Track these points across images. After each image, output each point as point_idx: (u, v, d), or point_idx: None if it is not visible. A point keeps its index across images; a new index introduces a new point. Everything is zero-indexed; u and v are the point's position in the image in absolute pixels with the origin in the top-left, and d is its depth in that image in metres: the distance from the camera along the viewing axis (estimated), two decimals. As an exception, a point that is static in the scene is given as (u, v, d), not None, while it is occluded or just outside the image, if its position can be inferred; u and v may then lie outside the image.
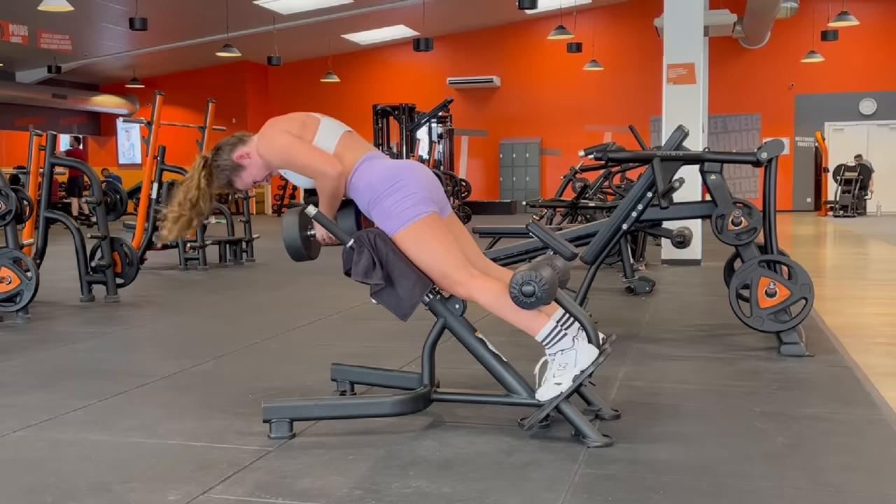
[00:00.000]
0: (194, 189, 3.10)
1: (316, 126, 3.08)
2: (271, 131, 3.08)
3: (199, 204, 3.11)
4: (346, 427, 3.02)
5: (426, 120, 16.89)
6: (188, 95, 20.39)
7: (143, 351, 4.64)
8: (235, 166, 3.12)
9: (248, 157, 3.11)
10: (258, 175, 3.14)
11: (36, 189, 6.67)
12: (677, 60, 8.58)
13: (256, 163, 3.11)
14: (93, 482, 2.52)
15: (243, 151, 3.11)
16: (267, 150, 3.07)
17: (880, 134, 19.74)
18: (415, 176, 2.99)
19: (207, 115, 9.64)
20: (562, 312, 2.95)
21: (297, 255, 3.08)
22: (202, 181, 3.11)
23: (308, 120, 3.10)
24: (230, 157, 3.11)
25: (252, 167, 3.12)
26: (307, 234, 3.08)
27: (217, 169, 3.13)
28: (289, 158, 3.04)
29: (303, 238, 3.06)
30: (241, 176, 3.13)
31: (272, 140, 3.06)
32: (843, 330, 4.87)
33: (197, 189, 3.10)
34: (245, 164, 3.11)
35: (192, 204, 3.11)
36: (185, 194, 3.11)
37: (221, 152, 3.14)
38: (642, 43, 19.30)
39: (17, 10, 14.83)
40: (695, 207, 4.88)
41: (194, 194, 3.10)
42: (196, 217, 3.14)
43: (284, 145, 3.03)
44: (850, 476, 2.51)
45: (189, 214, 3.12)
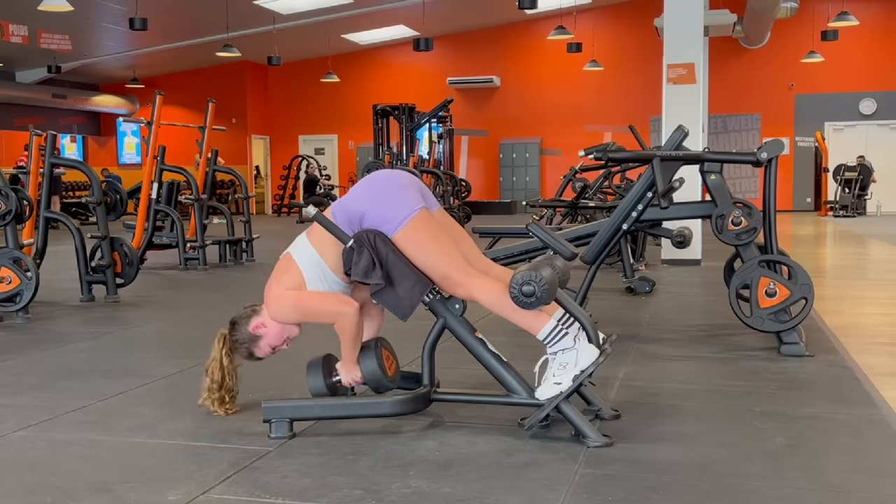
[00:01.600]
0: (218, 371, 3.14)
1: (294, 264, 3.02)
2: (272, 297, 3.05)
3: (227, 381, 3.15)
4: (346, 427, 3.02)
5: (426, 120, 16.88)
6: (188, 95, 20.39)
7: (143, 351, 4.64)
8: (253, 338, 3.12)
9: (264, 327, 3.10)
10: (275, 342, 3.13)
11: (36, 189, 6.67)
12: (677, 60, 8.58)
13: (272, 331, 3.10)
14: (93, 482, 2.52)
15: (258, 322, 3.11)
16: (280, 315, 3.05)
17: (880, 134, 19.73)
18: (387, 181, 3.01)
19: (207, 115, 9.64)
20: (563, 312, 2.95)
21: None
22: (224, 359, 3.13)
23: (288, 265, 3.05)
24: (246, 329, 3.12)
25: (269, 335, 3.11)
26: (332, 381, 3.11)
27: (235, 343, 3.14)
28: (303, 312, 3.02)
29: (328, 385, 3.10)
30: (259, 346, 3.13)
31: (279, 302, 3.03)
32: (843, 330, 4.87)
33: (221, 369, 3.14)
34: (262, 333, 3.11)
35: (220, 384, 3.14)
36: (211, 378, 3.15)
37: (238, 327, 3.14)
38: (642, 43, 19.30)
39: (17, 10, 14.82)
40: (695, 207, 4.88)
41: (219, 375, 3.14)
42: (228, 393, 3.17)
43: (293, 302, 3.01)
44: (850, 476, 2.51)
45: (221, 394, 3.16)
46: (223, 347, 3.14)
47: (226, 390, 3.15)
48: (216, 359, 3.14)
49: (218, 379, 3.13)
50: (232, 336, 3.14)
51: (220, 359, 3.13)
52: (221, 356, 3.13)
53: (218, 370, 3.13)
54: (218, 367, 3.13)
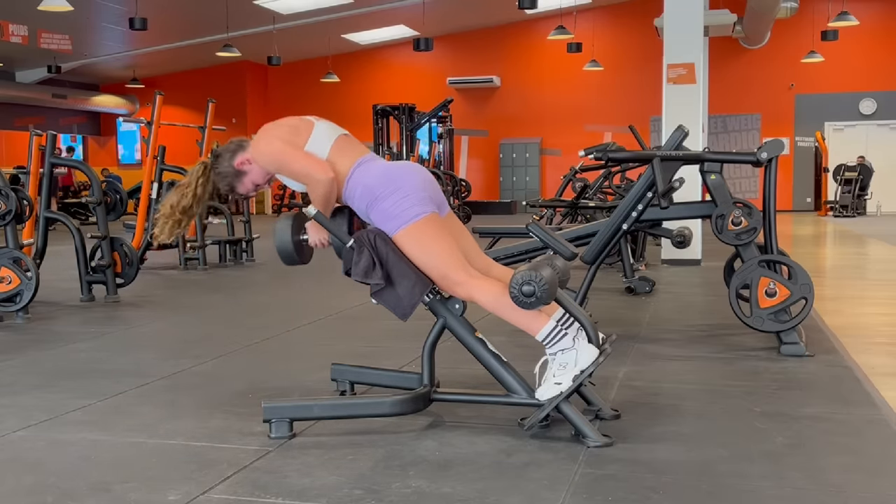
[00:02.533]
0: (189, 196, 3.14)
1: (310, 130, 3.08)
2: (264, 137, 3.09)
3: (192, 209, 3.16)
4: (346, 427, 3.02)
5: (426, 120, 16.89)
6: (188, 95, 20.40)
7: (143, 351, 4.64)
8: (237, 173, 3.14)
9: (249, 164, 3.12)
10: (259, 180, 3.16)
11: (36, 189, 6.67)
12: (677, 60, 8.58)
13: (257, 168, 3.13)
14: (93, 482, 2.52)
15: (243, 158, 3.13)
16: (260, 157, 3.09)
17: (880, 134, 19.74)
18: (412, 176, 2.99)
19: (207, 115, 9.64)
20: (562, 312, 2.95)
21: (288, 259, 3.10)
22: (198, 189, 3.14)
23: (302, 124, 3.10)
24: (231, 163, 3.13)
25: (252, 173, 3.14)
26: (300, 238, 3.09)
27: (218, 176, 3.15)
28: (281, 164, 3.05)
29: (295, 242, 3.08)
30: (242, 181, 3.15)
31: (265, 147, 3.07)
32: (843, 330, 4.87)
33: (193, 196, 3.14)
34: (246, 169, 3.13)
35: (185, 209, 3.15)
36: (179, 199, 3.15)
37: (222, 159, 3.15)
38: (642, 43, 19.30)
39: (17, 10, 14.83)
40: (695, 207, 4.88)
41: (188, 201, 3.14)
42: (186, 219, 3.17)
43: (276, 151, 3.04)
44: (850, 476, 2.51)
45: (179, 217, 3.15)
46: (201, 175, 3.14)
47: (187, 216, 3.15)
48: (191, 183, 3.14)
49: (186, 204, 3.13)
50: (215, 168, 3.15)
51: (195, 184, 3.13)
52: (196, 184, 3.13)
53: (190, 195, 3.13)
54: (191, 192, 3.13)
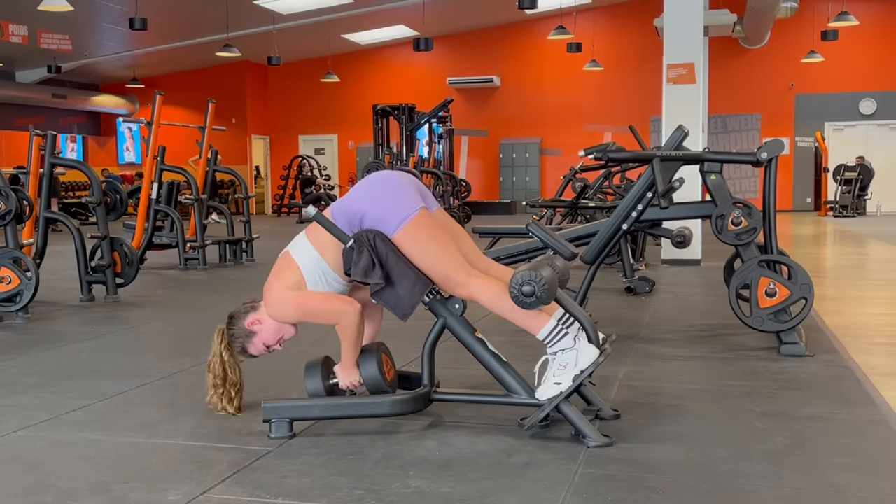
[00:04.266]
0: (219, 365, 3.13)
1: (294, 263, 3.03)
2: (272, 296, 3.06)
3: (230, 376, 3.14)
4: (346, 427, 3.02)
5: (426, 120, 16.88)
6: (188, 95, 20.39)
7: (143, 351, 4.64)
8: (248, 333, 3.12)
9: (260, 324, 3.11)
10: (270, 340, 3.13)
11: (36, 189, 6.67)
12: (677, 60, 8.58)
13: (268, 328, 3.11)
14: (93, 482, 2.52)
15: (254, 318, 3.11)
16: (280, 313, 3.06)
17: (880, 134, 19.73)
18: (387, 182, 3.02)
19: (207, 115, 9.64)
20: (563, 312, 2.95)
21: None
22: (224, 354, 3.13)
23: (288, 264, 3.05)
24: (242, 324, 3.13)
25: (264, 333, 3.11)
26: (330, 382, 3.11)
27: (231, 338, 3.14)
28: (305, 310, 3.03)
29: (326, 388, 3.09)
30: (253, 342, 3.13)
31: (280, 302, 3.04)
32: (843, 330, 4.87)
33: (221, 364, 3.13)
34: (257, 329, 3.11)
35: (224, 379, 3.13)
36: (213, 374, 3.14)
37: (235, 321, 3.15)
38: (642, 43, 19.29)
39: (17, 10, 14.82)
40: (695, 207, 4.88)
41: (220, 370, 3.13)
42: (233, 387, 3.15)
43: (294, 302, 3.01)
44: (850, 476, 2.51)
45: (225, 389, 3.14)
46: (222, 342, 3.14)
47: (230, 385, 3.14)
48: (216, 353, 3.14)
49: (220, 374, 3.13)
50: (229, 330, 3.15)
51: (219, 353, 3.13)
52: (221, 350, 3.13)
53: (219, 365, 3.13)
54: (218, 361, 3.13)
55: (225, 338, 3.14)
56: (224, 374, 3.13)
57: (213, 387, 3.15)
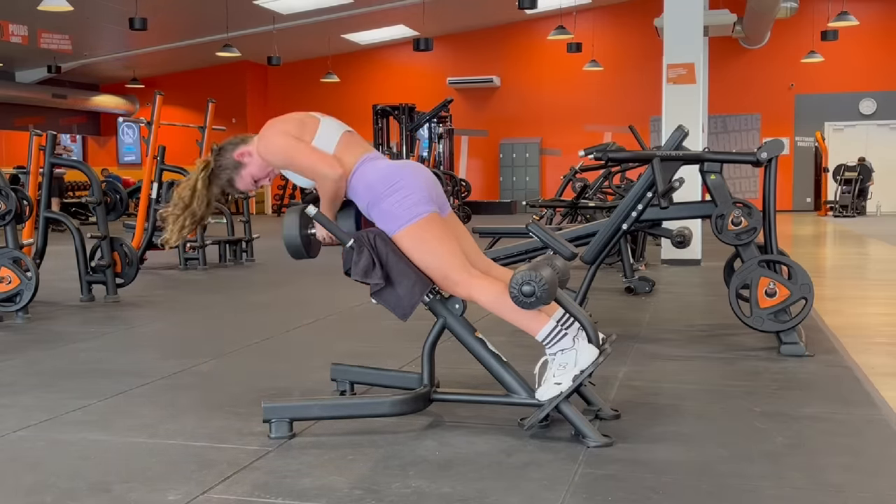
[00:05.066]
0: (188, 190, 3.11)
1: (316, 126, 3.08)
2: (270, 132, 3.09)
3: (193, 205, 3.11)
4: (346, 427, 3.02)
5: (426, 120, 16.88)
6: (188, 95, 20.39)
7: (143, 351, 4.64)
8: (236, 164, 3.13)
9: (250, 156, 3.12)
10: (259, 174, 3.14)
11: (36, 189, 6.67)
12: (677, 60, 8.58)
13: (257, 161, 3.12)
14: (93, 482, 2.52)
15: (245, 150, 3.13)
16: (267, 151, 3.08)
17: (880, 134, 19.73)
18: (414, 176, 2.99)
19: (207, 115, 9.64)
20: (562, 312, 2.95)
21: (296, 253, 3.09)
22: (199, 183, 3.12)
23: (307, 119, 3.10)
24: (231, 155, 3.13)
25: (252, 165, 3.13)
26: (308, 232, 3.09)
27: (219, 169, 3.14)
28: (289, 159, 3.05)
29: (303, 237, 3.07)
30: (241, 175, 3.14)
31: (271, 141, 3.07)
32: (843, 330, 4.87)
33: (191, 190, 3.11)
34: (246, 161, 3.12)
35: (186, 204, 3.11)
36: (178, 195, 3.12)
37: (224, 151, 3.15)
38: (642, 43, 19.29)
39: (17, 10, 14.83)
40: (695, 207, 4.88)
41: (187, 194, 3.11)
42: (190, 218, 3.12)
43: (284, 146, 3.03)
44: (850, 476, 2.51)
45: (184, 215, 3.11)
46: (202, 171, 3.12)
47: (189, 213, 3.11)
48: (190, 178, 3.12)
49: (186, 198, 3.09)
50: (217, 161, 3.14)
51: (194, 180, 3.11)
52: (197, 178, 3.11)
53: (189, 190, 3.10)
54: (189, 186, 3.11)
55: (207, 169, 3.12)
56: (189, 201, 3.10)
57: (173, 205, 3.12)
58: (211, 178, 3.14)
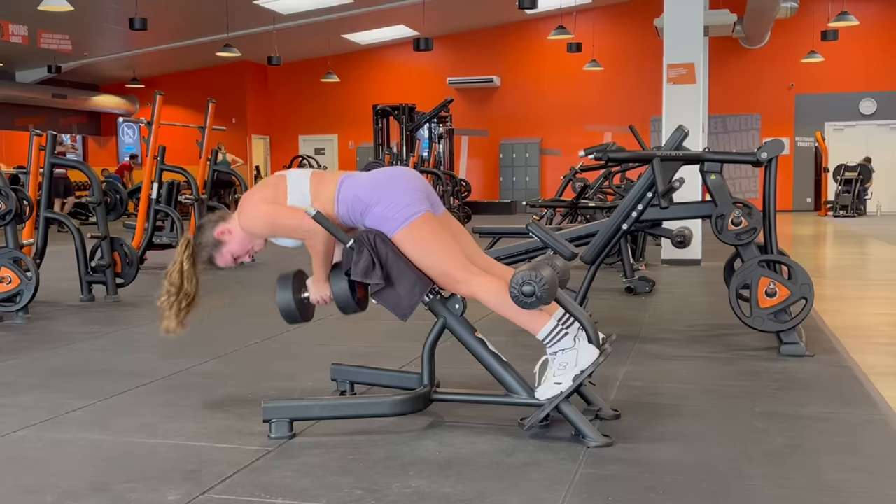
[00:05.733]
0: (176, 273, 3.10)
1: (284, 184, 3.06)
2: (249, 204, 3.06)
3: (185, 286, 3.10)
4: (346, 427, 3.02)
5: (426, 120, 16.87)
6: (188, 95, 20.38)
7: (143, 351, 4.64)
8: (216, 242, 3.12)
9: (230, 233, 3.11)
10: (239, 251, 3.14)
11: (36, 189, 6.67)
12: (677, 60, 8.58)
13: (238, 237, 3.11)
14: (93, 482, 2.52)
15: (224, 228, 3.12)
16: (251, 223, 3.06)
17: (880, 134, 19.73)
18: (400, 179, 3.01)
19: (207, 115, 9.64)
20: (563, 312, 2.95)
21: (290, 318, 3.11)
22: (185, 264, 3.11)
23: (277, 181, 3.08)
24: (211, 233, 3.13)
25: (232, 242, 3.12)
26: (301, 296, 3.10)
27: (198, 247, 3.13)
28: (273, 225, 3.03)
29: (297, 301, 3.08)
30: (221, 252, 3.14)
31: (252, 211, 3.05)
32: (843, 330, 4.87)
33: (179, 273, 3.10)
34: (226, 239, 3.12)
35: (178, 288, 3.10)
36: (169, 281, 3.11)
37: (203, 230, 3.15)
38: (642, 43, 19.29)
39: (17, 10, 14.82)
40: (695, 207, 4.88)
41: (177, 278, 3.10)
42: (185, 300, 3.11)
43: (267, 213, 3.02)
44: (849, 476, 2.51)
45: (178, 299, 3.10)
46: (185, 251, 3.12)
47: (183, 295, 3.11)
48: (176, 262, 3.12)
49: (176, 283, 3.09)
50: (196, 240, 3.14)
51: (180, 262, 3.11)
52: (182, 259, 3.11)
53: (177, 273, 3.10)
54: (178, 269, 3.10)
55: (189, 247, 3.13)
56: (180, 284, 3.10)
57: (166, 293, 3.11)
58: (192, 255, 3.13)
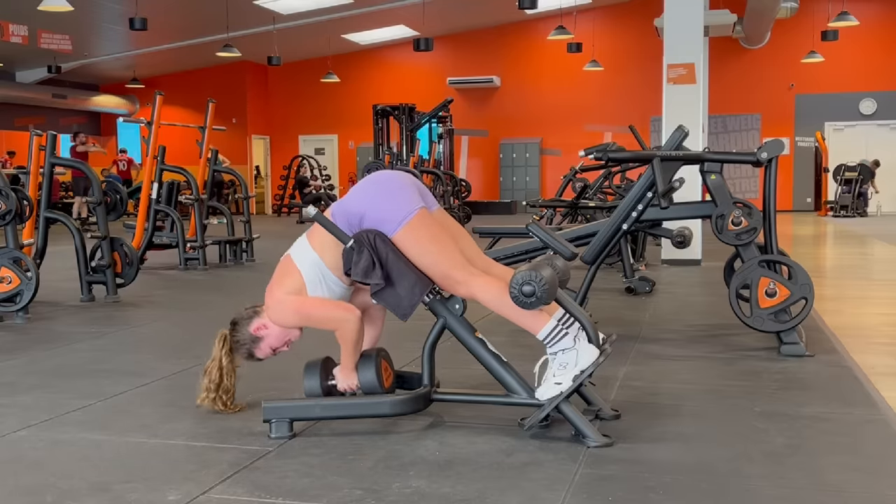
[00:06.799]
0: (216, 371, 3.13)
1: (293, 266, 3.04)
2: (275, 300, 3.06)
3: (224, 382, 3.14)
4: (346, 427, 3.02)
5: (426, 120, 16.87)
6: (188, 95, 20.38)
7: (143, 351, 4.64)
8: (254, 339, 3.13)
9: (266, 329, 3.11)
10: (276, 343, 3.14)
11: (36, 189, 6.67)
12: (677, 60, 8.58)
13: (274, 332, 3.11)
14: (93, 482, 2.52)
15: (259, 324, 3.11)
16: (281, 320, 3.07)
17: (880, 134, 19.73)
18: (387, 181, 3.02)
19: (207, 115, 9.64)
20: (563, 312, 2.95)
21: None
22: (223, 360, 3.13)
23: (287, 268, 3.06)
24: (248, 330, 3.12)
25: (270, 337, 3.12)
26: (328, 384, 3.11)
27: (236, 344, 3.14)
28: (305, 316, 3.03)
29: (324, 388, 3.09)
30: (260, 347, 3.14)
31: (280, 308, 3.04)
32: (843, 330, 4.87)
33: (219, 370, 3.13)
34: (263, 335, 3.12)
35: (218, 385, 3.13)
36: (209, 378, 3.13)
37: (239, 327, 3.14)
38: (642, 43, 19.29)
39: (17, 10, 14.82)
40: (695, 207, 4.88)
41: (217, 376, 3.12)
42: (224, 394, 3.15)
43: (293, 309, 3.02)
44: (849, 476, 2.51)
45: (217, 395, 3.14)
46: (223, 347, 3.14)
47: (223, 391, 3.14)
48: (216, 359, 3.14)
49: (216, 379, 3.13)
50: (233, 336, 3.15)
51: (219, 359, 3.13)
52: (221, 356, 3.13)
53: (216, 370, 3.13)
54: (217, 367, 3.13)
55: (227, 343, 3.14)
56: (220, 380, 3.13)
57: (205, 390, 3.14)
58: (231, 351, 3.15)
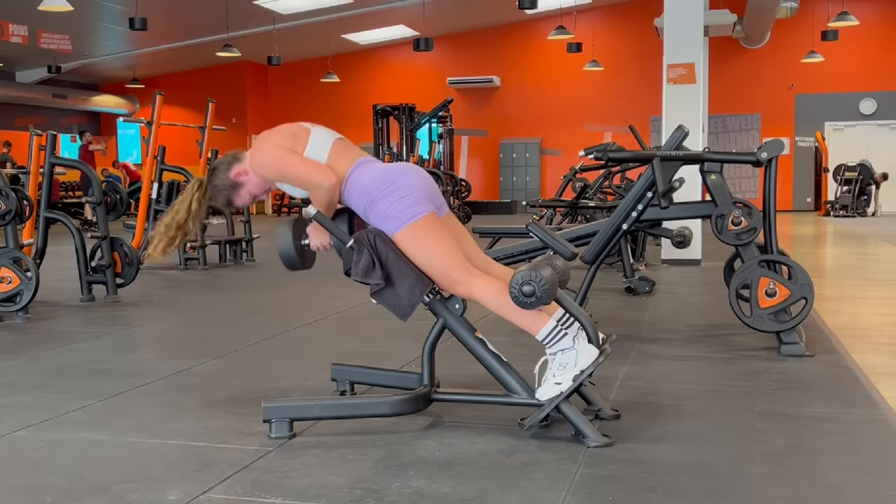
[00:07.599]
0: (184, 211, 3.13)
1: (307, 136, 3.09)
2: (263, 146, 3.09)
3: (187, 224, 3.14)
4: (346, 427, 3.02)
5: (426, 120, 16.88)
6: (188, 95, 20.39)
7: (143, 351, 4.64)
8: (233, 184, 3.14)
9: (246, 175, 3.13)
10: (256, 190, 3.16)
11: (36, 189, 6.67)
12: (677, 60, 8.58)
13: (253, 179, 3.13)
14: (93, 482, 2.52)
15: (240, 169, 3.13)
16: (260, 165, 3.09)
17: (880, 134, 19.73)
18: (409, 177, 3.00)
19: (207, 115, 9.64)
20: (562, 312, 2.95)
21: (291, 264, 3.12)
22: (194, 204, 3.14)
23: (299, 131, 3.11)
24: (227, 175, 3.14)
25: (249, 184, 3.14)
26: (302, 243, 3.11)
27: (215, 189, 3.15)
28: (283, 172, 3.06)
29: (297, 248, 3.09)
30: (239, 193, 3.16)
31: (264, 155, 3.08)
32: (843, 330, 4.87)
33: (187, 211, 3.13)
34: (243, 181, 3.13)
35: (179, 225, 3.13)
36: (173, 216, 3.14)
37: (218, 172, 3.16)
38: (642, 43, 19.29)
39: (17, 10, 14.82)
40: (695, 207, 4.88)
41: (182, 216, 3.13)
42: (181, 236, 3.16)
43: (277, 159, 3.05)
44: (849, 476, 2.51)
45: (174, 234, 3.14)
46: (197, 191, 3.14)
47: (182, 232, 3.14)
48: (186, 199, 3.14)
49: (181, 219, 3.12)
50: (211, 182, 3.15)
51: (189, 200, 3.13)
52: (192, 199, 3.13)
53: (185, 210, 3.13)
54: (186, 207, 3.13)
55: (202, 188, 3.15)
56: (184, 221, 3.13)
57: (165, 225, 3.14)
58: (205, 197, 3.16)
